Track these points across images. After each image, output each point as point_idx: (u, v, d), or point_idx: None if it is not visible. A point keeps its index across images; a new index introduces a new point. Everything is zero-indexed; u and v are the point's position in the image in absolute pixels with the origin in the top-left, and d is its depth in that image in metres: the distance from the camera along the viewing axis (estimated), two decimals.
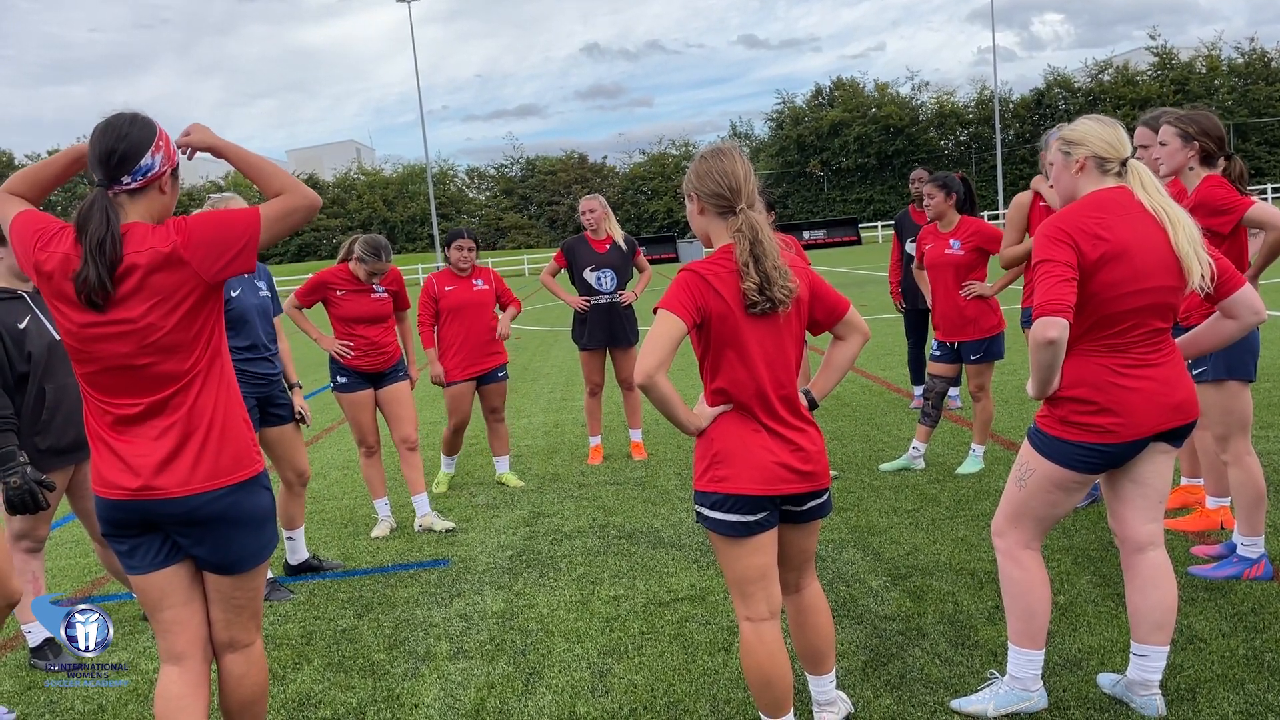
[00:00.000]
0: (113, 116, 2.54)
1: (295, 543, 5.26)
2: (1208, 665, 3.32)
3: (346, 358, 5.64)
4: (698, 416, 2.79)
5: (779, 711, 2.85)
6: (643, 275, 7.38)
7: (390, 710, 3.55)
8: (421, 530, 5.81)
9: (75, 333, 2.48)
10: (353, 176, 79.79)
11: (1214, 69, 64.97)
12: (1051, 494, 3.01)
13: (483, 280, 6.55)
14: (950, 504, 5.46)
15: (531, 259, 54.60)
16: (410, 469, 5.89)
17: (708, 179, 2.76)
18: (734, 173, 2.74)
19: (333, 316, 5.69)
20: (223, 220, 2.52)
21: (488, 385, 6.59)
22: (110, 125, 2.51)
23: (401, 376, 5.86)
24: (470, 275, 6.51)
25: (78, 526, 6.35)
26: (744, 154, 2.83)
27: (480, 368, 6.50)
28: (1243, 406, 3.99)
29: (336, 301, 5.64)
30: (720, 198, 2.75)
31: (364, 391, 5.74)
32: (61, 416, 3.96)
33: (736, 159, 2.77)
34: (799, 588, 3.00)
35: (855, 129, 69.61)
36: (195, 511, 2.53)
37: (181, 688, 2.64)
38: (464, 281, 6.49)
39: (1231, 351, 3.80)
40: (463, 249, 6.44)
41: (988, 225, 5.95)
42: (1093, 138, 2.96)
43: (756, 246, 2.67)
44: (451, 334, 6.45)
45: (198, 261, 2.47)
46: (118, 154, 2.48)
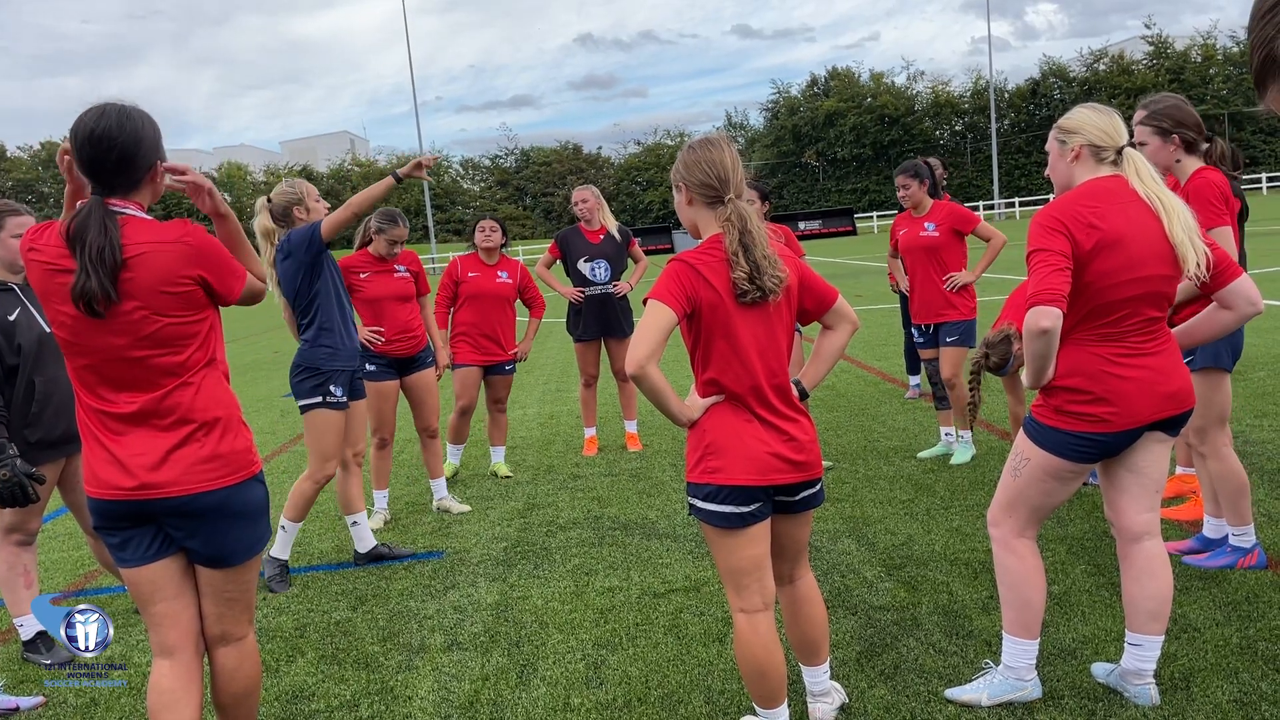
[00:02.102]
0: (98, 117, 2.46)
1: (360, 528, 5.14)
2: (1202, 654, 3.32)
3: (378, 344, 5.63)
4: (690, 407, 2.78)
5: (773, 702, 2.85)
6: (638, 266, 7.36)
7: (384, 703, 3.54)
8: (439, 510, 5.99)
9: (69, 326, 2.46)
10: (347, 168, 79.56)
11: (1209, 58, 64.92)
12: (1046, 483, 3.00)
13: (508, 273, 6.56)
14: (945, 494, 5.46)
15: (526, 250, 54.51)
16: (432, 455, 6.02)
17: (696, 169, 2.76)
18: (722, 163, 2.73)
19: (359, 302, 5.66)
20: (223, 254, 2.60)
21: (495, 375, 6.63)
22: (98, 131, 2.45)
23: (429, 363, 5.90)
24: (497, 265, 6.52)
25: (70, 519, 6.33)
26: (733, 144, 2.82)
27: (491, 358, 6.54)
28: (1223, 398, 4.02)
29: (361, 285, 5.64)
30: (709, 188, 2.74)
31: (392, 381, 5.75)
32: (52, 409, 3.94)
33: (725, 149, 2.77)
34: (793, 579, 3.00)
35: (851, 119, 69.53)
36: (189, 504, 2.52)
37: (174, 681, 2.63)
38: (489, 270, 6.51)
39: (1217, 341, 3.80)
40: (484, 230, 6.49)
41: (959, 207, 6.02)
42: (1088, 126, 2.95)
43: (745, 236, 2.67)
44: (466, 319, 6.49)
45: (197, 262, 2.51)
46: (111, 162, 2.46)
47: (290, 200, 4.78)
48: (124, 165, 2.48)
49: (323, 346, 4.72)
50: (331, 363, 4.72)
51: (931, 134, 71.10)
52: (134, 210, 2.52)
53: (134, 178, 2.51)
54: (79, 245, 2.40)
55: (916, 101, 71.50)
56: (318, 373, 4.70)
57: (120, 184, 2.50)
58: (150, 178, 2.56)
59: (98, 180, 2.48)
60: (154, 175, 2.56)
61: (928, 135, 70.51)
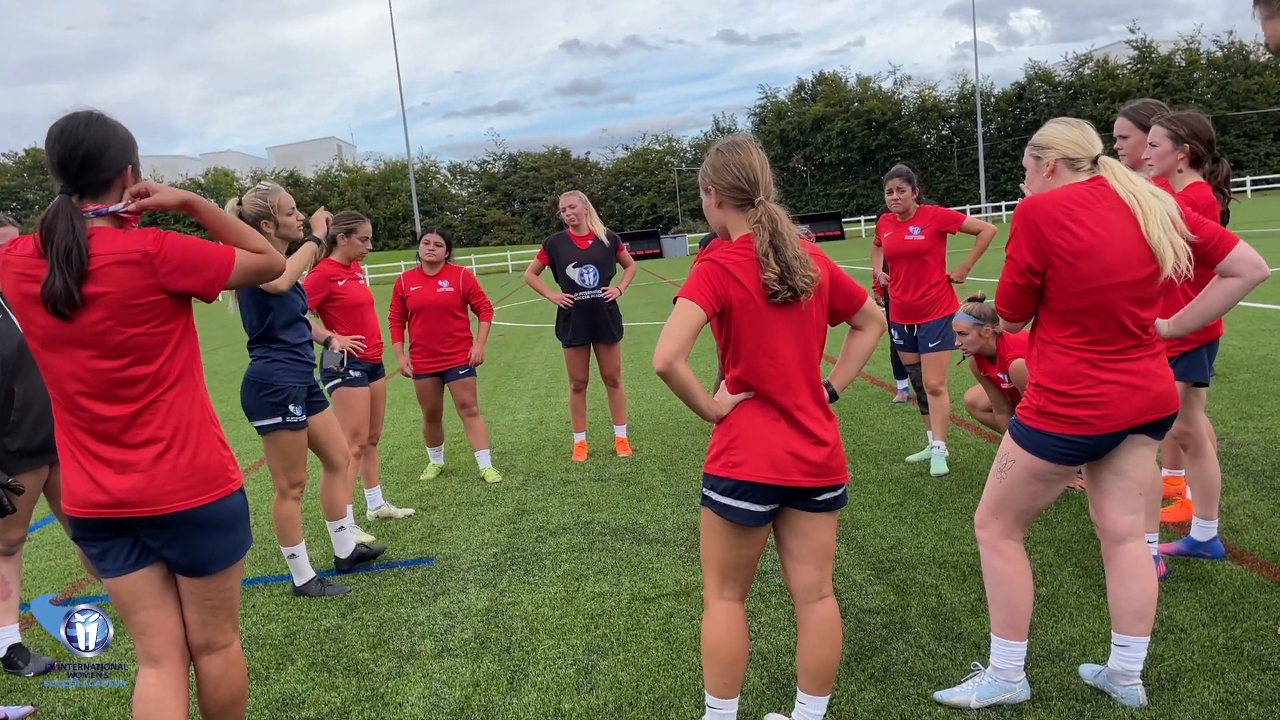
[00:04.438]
0: (69, 118, 2.48)
1: (342, 533, 5.09)
2: (1188, 655, 3.34)
3: (361, 351, 5.63)
4: (718, 404, 2.76)
5: (733, 692, 2.86)
6: (627, 271, 7.37)
7: (375, 709, 3.54)
8: (378, 519, 6.10)
9: (41, 337, 2.45)
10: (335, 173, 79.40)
11: (1193, 62, 65.44)
12: (1031, 485, 3.02)
13: (449, 282, 6.60)
14: (934, 498, 5.48)
15: (515, 255, 54.50)
16: (371, 463, 6.10)
17: (725, 172, 2.75)
18: (751, 165, 2.73)
19: (336, 310, 5.65)
20: (202, 247, 2.52)
21: (452, 381, 6.71)
22: (66, 129, 2.46)
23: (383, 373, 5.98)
24: (438, 275, 6.59)
25: (58, 528, 6.30)
26: (759, 145, 2.81)
27: (442, 364, 6.64)
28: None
29: (340, 293, 5.64)
30: (739, 191, 2.74)
31: (366, 388, 5.77)
32: (32, 417, 3.91)
33: (753, 151, 2.76)
34: (822, 594, 2.89)
35: (838, 124, 69.77)
36: (164, 519, 2.51)
37: (160, 689, 2.63)
38: (430, 281, 6.60)
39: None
40: (429, 243, 6.60)
41: (943, 209, 6.04)
42: (1060, 140, 2.99)
43: (776, 237, 2.67)
44: (417, 331, 6.67)
45: (160, 267, 2.44)
46: (77, 160, 2.44)
47: (259, 212, 4.49)
48: (89, 166, 2.46)
49: (278, 362, 4.57)
50: (287, 378, 4.56)
51: (918, 138, 71.41)
52: (105, 218, 2.49)
53: (100, 179, 2.48)
54: (48, 244, 2.39)
55: (903, 106, 71.78)
56: (274, 390, 4.52)
57: (87, 185, 2.47)
58: (120, 183, 2.52)
59: (65, 179, 2.47)
60: (124, 181, 2.53)
61: (914, 140, 70.81)
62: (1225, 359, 8.32)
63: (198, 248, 2.51)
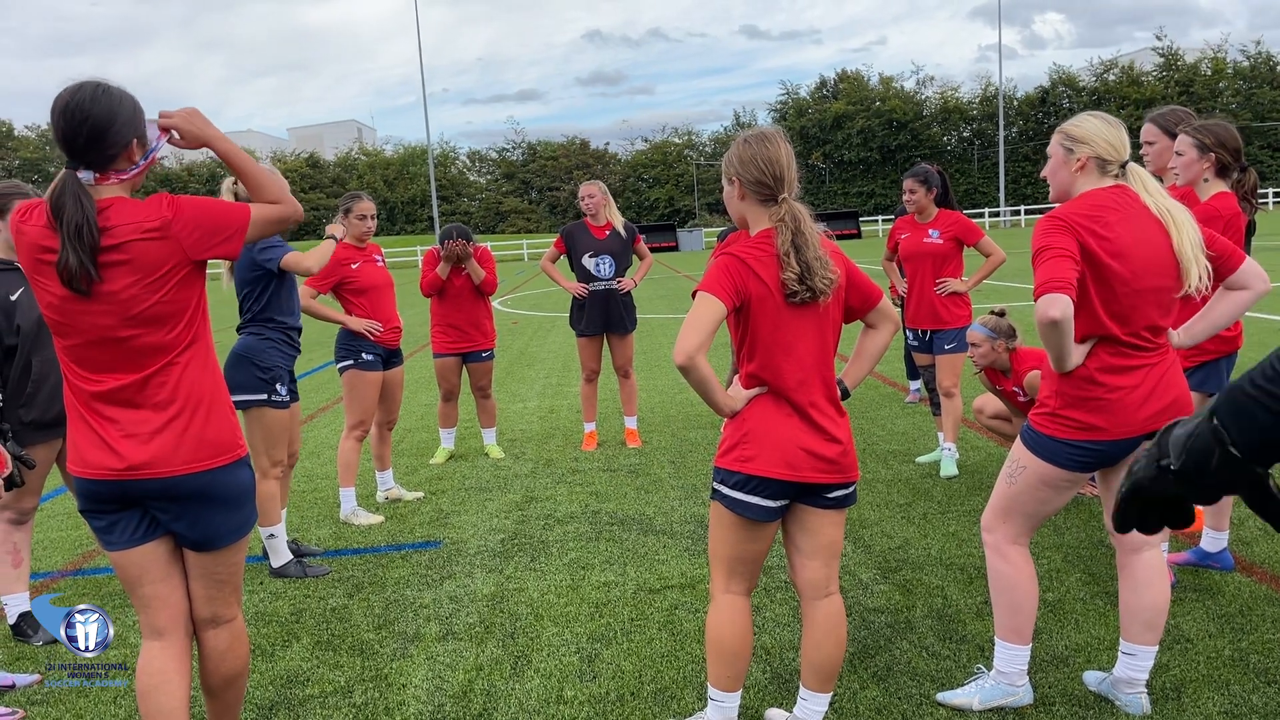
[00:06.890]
0: (75, 90, 2.44)
1: (276, 541, 4.79)
2: (1193, 665, 3.33)
3: (376, 335, 5.62)
4: (733, 399, 2.75)
5: (736, 686, 2.86)
6: (643, 262, 7.36)
7: (378, 690, 3.56)
8: (388, 501, 6.13)
9: (57, 305, 2.45)
10: (354, 156, 79.57)
11: (1219, 71, 64.92)
12: (1041, 491, 3.01)
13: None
14: (942, 499, 5.47)
15: (531, 244, 54.51)
16: (385, 447, 6.13)
17: (751, 165, 2.71)
18: (778, 160, 2.70)
19: (350, 293, 5.63)
20: (215, 207, 2.51)
21: (473, 363, 6.82)
22: (71, 104, 2.43)
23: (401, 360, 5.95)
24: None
25: (69, 499, 6.35)
26: (787, 139, 2.77)
27: (466, 345, 6.75)
28: None
29: (353, 276, 5.61)
30: (764, 185, 2.71)
31: (381, 372, 5.73)
32: (48, 389, 3.94)
33: (781, 145, 2.72)
34: (829, 591, 2.89)
35: (859, 122, 69.51)
36: (174, 487, 2.51)
37: (164, 662, 2.64)
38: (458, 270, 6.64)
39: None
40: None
41: (965, 218, 6.00)
42: (1097, 138, 2.93)
43: (798, 237, 2.65)
44: (440, 311, 6.74)
45: (184, 238, 2.45)
46: (83, 135, 2.42)
47: None
48: (96, 140, 2.43)
49: (269, 340, 4.58)
50: (275, 357, 4.57)
51: (939, 139, 71.08)
52: (116, 189, 2.48)
53: (107, 153, 2.45)
54: (58, 221, 2.38)
55: (925, 106, 71.43)
56: (263, 366, 4.52)
57: (94, 159, 2.45)
58: (126, 156, 2.50)
59: (71, 154, 2.44)
60: (130, 154, 2.50)
61: (935, 141, 70.49)
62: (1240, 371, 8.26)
63: (211, 205, 2.51)
